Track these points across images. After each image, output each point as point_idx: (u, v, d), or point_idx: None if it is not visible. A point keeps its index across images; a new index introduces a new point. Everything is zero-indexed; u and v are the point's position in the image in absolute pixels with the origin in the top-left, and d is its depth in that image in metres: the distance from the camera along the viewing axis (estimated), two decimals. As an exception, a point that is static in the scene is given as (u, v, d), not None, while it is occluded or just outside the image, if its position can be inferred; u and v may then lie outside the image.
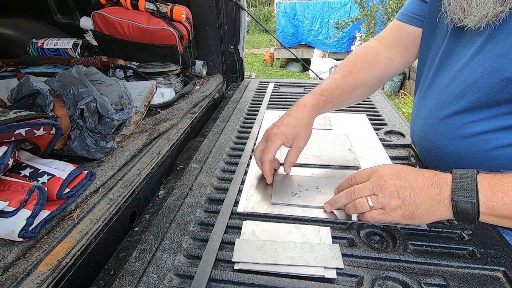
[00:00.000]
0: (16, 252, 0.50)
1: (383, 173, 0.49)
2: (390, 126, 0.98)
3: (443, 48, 0.63)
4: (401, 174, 0.48)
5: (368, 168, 0.54)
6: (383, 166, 0.52)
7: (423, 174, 0.48)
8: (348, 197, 0.54)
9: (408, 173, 0.48)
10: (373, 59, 0.78)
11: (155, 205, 0.67)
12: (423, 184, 0.46)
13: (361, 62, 0.77)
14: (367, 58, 0.78)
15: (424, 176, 0.47)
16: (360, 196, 0.52)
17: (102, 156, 0.76)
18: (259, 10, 11.10)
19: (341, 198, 0.56)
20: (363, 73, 0.76)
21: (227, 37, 1.41)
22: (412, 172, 0.48)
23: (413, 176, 0.47)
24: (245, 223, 0.58)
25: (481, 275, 0.47)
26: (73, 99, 0.75)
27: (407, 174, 0.48)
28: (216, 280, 0.47)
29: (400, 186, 0.47)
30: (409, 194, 0.46)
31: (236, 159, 0.80)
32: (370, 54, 0.79)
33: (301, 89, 1.33)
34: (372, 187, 0.50)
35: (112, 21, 1.19)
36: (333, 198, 0.58)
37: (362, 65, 0.76)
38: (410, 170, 0.49)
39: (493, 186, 0.42)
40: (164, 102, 1.07)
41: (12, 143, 0.59)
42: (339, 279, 0.47)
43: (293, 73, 6.00)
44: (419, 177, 0.47)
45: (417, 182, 0.46)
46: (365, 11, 4.63)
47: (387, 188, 0.48)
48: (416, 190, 0.46)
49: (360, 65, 0.76)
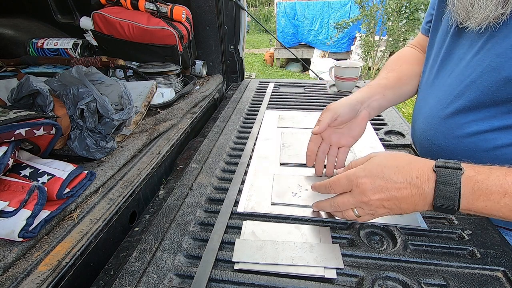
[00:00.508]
0: (16, 252, 0.50)
1: (364, 188, 0.47)
2: (390, 126, 0.98)
3: (445, 47, 0.64)
4: (382, 184, 0.46)
5: (344, 174, 0.51)
6: (362, 176, 0.48)
7: (406, 179, 0.45)
8: (333, 208, 0.54)
9: (389, 180, 0.46)
10: (412, 57, 0.78)
11: (155, 205, 0.67)
12: (407, 193, 0.46)
13: (401, 60, 0.77)
14: (405, 57, 0.78)
15: (407, 182, 0.45)
16: (345, 209, 0.52)
17: (102, 156, 0.76)
18: (259, 10, 11.10)
19: (325, 208, 0.56)
20: (406, 68, 0.75)
21: (227, 37, 1.41)
22: (393, 176, 0.46)
23: (395, 184, 0.46)
24: (245, 223, 0.58)
25: (481, 275, 0.47)
26: (73, 99, 0.75)
27: (389, 183, 0.46)
28: (216, 280, 0.47)
29: (385, 199, 0.47)
30: (394, 203, 0.47)
31: (236, 159, 0.80)
32: (407, 54, 0.79)
33: (301, 89, 1.33)
34: (356, 203, 0.49)
35: (112, 21, 1.19)
36: (318, 205, 0.58)
37: (403, 62, 0.76)
38: (390, 174, 0.46)
39: (476, 190, 0.42)
40: (164, 102, 1.07)
41: (12, 143, 0.59)
42: (339, 279, 0.47)
43: (293, 73, 6.00)
44: (401, 185, 0.45)
45: (400, 192, 0.46)
46: (365, 11, 4.63)
47: (372, 204, 0.48)
48: (401, 199, 0.46)
49: (399, 63, 0.76)
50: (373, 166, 0.48)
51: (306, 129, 0.95)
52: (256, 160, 0.79)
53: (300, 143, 0.85)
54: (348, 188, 0.50)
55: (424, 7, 4.22)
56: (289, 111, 1.09)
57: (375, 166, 0.48)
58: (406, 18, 4.31)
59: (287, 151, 0.82)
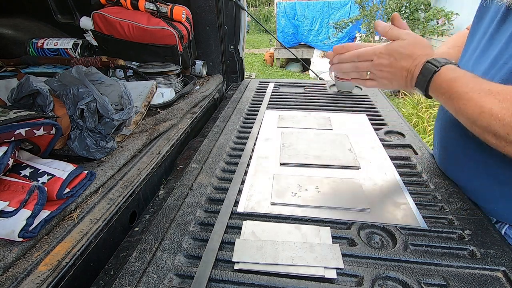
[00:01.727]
0: (16, 252, 0.50)
1: (381, 61, 0.61)
2: (390, 126, 0.98)
3: (494, 26, 0.61)
4: (393, 62, 0.59)
5: (371, 49, 0.62)
6: (384, 53, 0.60)
7: (408, 66, 0.58)
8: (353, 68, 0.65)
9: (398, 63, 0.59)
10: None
11: (155, 205, 0.67)
12: (402, 75, 0.59)
13: (464, 38, 0.76)
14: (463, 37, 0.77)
15: (406, 69, 0.58)
16: (361, 70, 0.65)
17: (102, 156, 0.76)
18: (259, 10, 11.10)
19: (347, 68, 0.66)
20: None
21: (227, 37, 1.41)
22: (403, 62, 0.58)
23: (401, 67, 0.59)
24: (245, 223, 0.58)
25: (481, 275, 0.47)
26: (73, 99, 0.75)
27: (397, 64, 0.59)
28: (216, 280, 0.47)
29: (389, 71, 0.60)
30: (392, 75, 0.60)
31: (236, 159, 0.80)
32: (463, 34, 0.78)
33: (301, 89, 1.33)
34: (371, 67, 0.63)
35: (112, 21, 1.19)
36: (340, 66, 0.66)
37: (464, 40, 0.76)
38: (402, 58, 0.58)
39: (439, 88, 0.54)
40: (164, 102, 1.07)
41: (12, 143, 0.59)
42: (339, 279, 0.48)
43: (293, 73, 6.00)
44: (403, 69, 0.59)
45: (400, 72, 0.59)
46: (365, 11, 4.63)
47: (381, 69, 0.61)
48: (398, 76, 0.60)
49: (462, 40, 0.75)
50: (393, 48, 0.59)
51: (306, 129, 0.95)
52: (256, 160, 0.79)
53: (300, 143, 0.86)
54: (371, 58, 0.62)
55: (424, 7, 4.23)
56: (289, 111, 1.09)
57: (394, 48, 0.59)
58: (406, 18, 4.32)
59: (287, 151, 0.82)
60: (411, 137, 0.90)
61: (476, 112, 0.48)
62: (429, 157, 0.80)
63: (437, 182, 0.70)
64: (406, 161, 0.79)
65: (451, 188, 0.68)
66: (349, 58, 0.65)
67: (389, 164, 0.77)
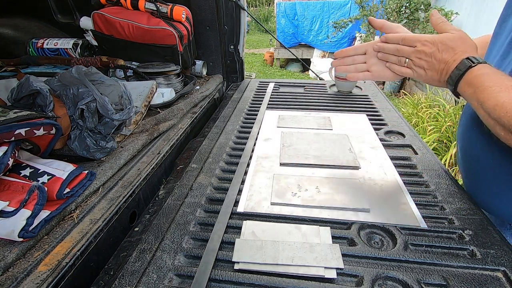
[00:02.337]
0: (16, 252, 0.50)
1: (424, 49, 0.61)
2: (390, 126, 0.98)
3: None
4: (434, 52, 0.60)
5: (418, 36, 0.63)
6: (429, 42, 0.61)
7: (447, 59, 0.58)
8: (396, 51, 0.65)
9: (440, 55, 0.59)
10: None
11: (155, 205, 0.67)
12: (440, 67, 0.59)
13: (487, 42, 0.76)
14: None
15: (445, 62, 0.59)
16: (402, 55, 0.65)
17: (102, 156, 0.76)
18: (259, 10, 11.10)
19: (390, 49, 0.66)
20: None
21: (227, 37, 1.41)
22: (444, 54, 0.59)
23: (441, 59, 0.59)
24: (245, 223, 0.58)
25: (481, 275, 0.47)
26: (73, 99, 0.75)
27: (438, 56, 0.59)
28: (216, 280, 0.47)
29: (428, 61, 0.61)
30: (430, 66, 0.61)
31: (236, 159, 0.80)
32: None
33: (301, 89, 1.33)
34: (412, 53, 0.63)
35: (112, 21, 1.19)
36: (383, 46, 0.67)
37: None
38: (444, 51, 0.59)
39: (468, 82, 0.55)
40: (164, 102, 1.07)
41: (12, 143, 0.59)
42: (339, 279, 0.48)
43: (293, 73, 6.00)
44: (442, 61, 0.59)
45: (439, 64, 0.59)
46: (365, 11, 4.63)
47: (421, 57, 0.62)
48: (437, 68, 0.60)
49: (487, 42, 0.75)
50: (440, 39, 0.60)
51: (306, 129, 0.95)
52: (256, 160, 0.79)
53: (300, 143, 0.86)
54: (415, 44, 0.62)
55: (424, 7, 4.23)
56: (289, 111, 1.09)
57: (441, 40, 0.60)
58: (406, 18, 4.32)
59: (287, 151, 0.82)
60: (411, 137, 0.90)
61: (492, 104, 0.49)
62: (429, 157, 0.80)
63: (437, 182, 0.70)
64: (406, 161, 0.79)
65: (451, 188, 0.68)
66: (395, 39, 0.65)
67: (389, 164, 0.77)
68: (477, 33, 3.84)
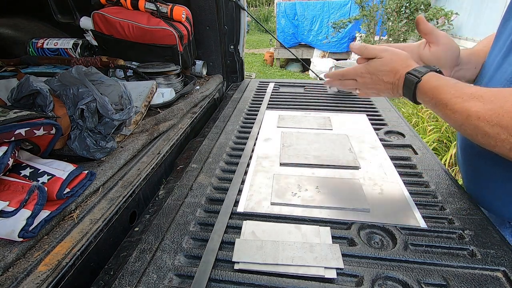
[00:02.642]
0: (16, 252, 0.50)
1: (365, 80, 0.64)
2: (390, 126, 0.98)
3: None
4: (376, 79, 0.62)
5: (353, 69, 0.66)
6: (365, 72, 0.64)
7: (392, 81, 0.61)
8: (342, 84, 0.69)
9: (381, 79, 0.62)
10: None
11: (155, 205, 0.67)
12: (387, 87, 0.62)
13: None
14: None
15: (390, 83, 0.61)
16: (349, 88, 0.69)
17: (102, 156, 0.76)
18: (259, 10, 11.10)
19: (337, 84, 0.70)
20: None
21: (227, 37, 1.41)
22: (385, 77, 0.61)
23: (384, 82, 0.62)
24: (245, 223, 0.58)
25: (481, 275, 0.47)
26: (73, 99, 0.75)
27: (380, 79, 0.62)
28: (216, 280, 0.47)
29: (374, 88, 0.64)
30: (378, 89, 0.64)
31: (236, 159, 0.80)
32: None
33: (301, 89, 1.33)
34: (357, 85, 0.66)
35: (112, 21, 1.19)
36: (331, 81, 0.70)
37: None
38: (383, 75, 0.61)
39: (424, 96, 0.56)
40: (164, 102, 1.07)
41: (12, 143, 0.59)
42: (339, 279, 0.48)
43: (293, 73, 6.00)
44: (387, 83, 0.61)
45: (385, 85, 0.62)
46: (365, 11, 4.63)
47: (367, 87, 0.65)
48: (384, 90, 0.63)
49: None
50: (373, 68, 0.62)
51: (306, 129, 0.95)
52: (256, 160, 0.79)
53: (300, 143, 0.86)
54: (355, 78, 0.66)
55: (424, 7, 4.23)
56: (289, 111, 1.09)
57: (374, 68, 0.62)
58: (406, 18, 4.32)
59: (287, 151, 0.82)
60: (411, 137, 0.90)
61: (463, 116, 0.49)
62: (429, 157, 0.80)
63: (437, 182, 0.70)
64: (406, 161, 0.79)
65: (451, 188, 0.68)
66: (336, 76, 0.69)
67: (389, 164, 0.77)
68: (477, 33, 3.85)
